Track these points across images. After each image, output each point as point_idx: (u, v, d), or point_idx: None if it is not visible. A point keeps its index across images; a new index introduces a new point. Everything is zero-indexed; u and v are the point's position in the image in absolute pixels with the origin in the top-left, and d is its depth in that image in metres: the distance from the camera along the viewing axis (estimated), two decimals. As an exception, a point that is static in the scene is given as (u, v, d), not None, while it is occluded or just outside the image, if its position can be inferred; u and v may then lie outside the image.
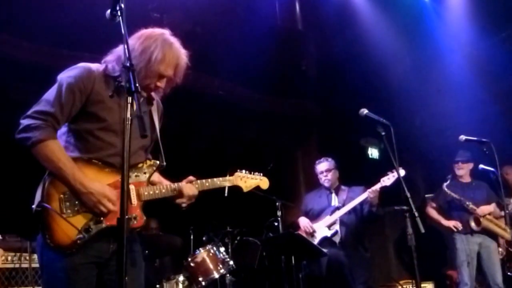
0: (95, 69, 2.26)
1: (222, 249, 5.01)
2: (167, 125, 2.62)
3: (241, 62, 6.02)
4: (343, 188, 5.20)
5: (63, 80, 2.19)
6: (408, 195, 2.96)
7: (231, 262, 4.91)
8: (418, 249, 3.06)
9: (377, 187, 4.73)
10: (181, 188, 2.41)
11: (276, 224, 5.18)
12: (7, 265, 3.92)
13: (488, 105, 7.14)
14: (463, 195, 5.39)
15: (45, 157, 2.08)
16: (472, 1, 6.93)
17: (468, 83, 6.99)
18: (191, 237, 5.66)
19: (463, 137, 4.51)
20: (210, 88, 6.63)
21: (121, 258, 1.74)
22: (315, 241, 4.88)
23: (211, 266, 4.77)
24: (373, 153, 8.19)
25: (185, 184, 2.43)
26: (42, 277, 2.23)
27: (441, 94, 7.37)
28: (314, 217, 5.08)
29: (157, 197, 2.36)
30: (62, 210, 2.09)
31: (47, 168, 2.11)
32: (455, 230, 5.35)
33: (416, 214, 2.92)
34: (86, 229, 2.11)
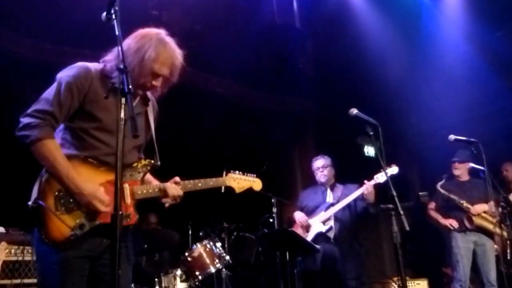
0: (93, 68, 2.30)
1: (219, 244, 5.09)
2: (164, 122, 2.66)
3: (239, 59, 6.05)
4: (338, 185, 5.25)
5: (61, 79, 2.24)
6: (394, 193, 2.98)
7: (228, 257, 4.99)
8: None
9: (371, 183, 4.78)
10: (165, 188, 2.45)
11: (271, 220, 5.25)
12: (11, 257, 4.01)
13: (482, 104, 7.21)
14: (459, 194, 5.43)
15: (42, 155, 2.14)
16: (468, 3, 6.98)
17: (464, 82, 7.05)
18: (189, 232, 5.73)
19: (452, 136, 4.59)
20: (207, 85, 6.66)
21: (114, 253, 1.79)
22: (309, 236, 4.94)
23: (207, 261, 4.86)
24: (369, 151, 8.22)
25: (170, 185, 2.48)
26: (37, 269, 2.29)
27: (436, 93, 7.42)
28: (309, 213, 5.11)
29: (150, 196, 2.41)
30: (56, 207, 2.14)
31: (43, 166, 2.17)
32: (451, 228, 5.42)
33: (402, 212, 2.93)
34: (80, 225, 2.16)
